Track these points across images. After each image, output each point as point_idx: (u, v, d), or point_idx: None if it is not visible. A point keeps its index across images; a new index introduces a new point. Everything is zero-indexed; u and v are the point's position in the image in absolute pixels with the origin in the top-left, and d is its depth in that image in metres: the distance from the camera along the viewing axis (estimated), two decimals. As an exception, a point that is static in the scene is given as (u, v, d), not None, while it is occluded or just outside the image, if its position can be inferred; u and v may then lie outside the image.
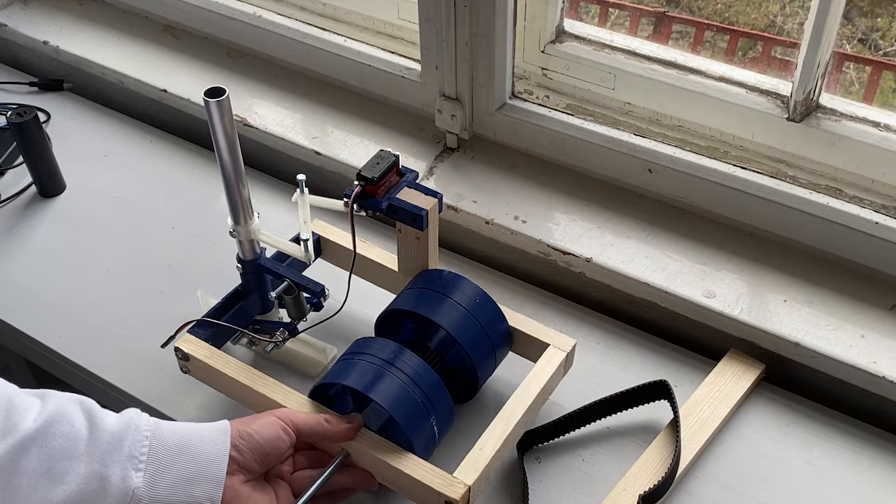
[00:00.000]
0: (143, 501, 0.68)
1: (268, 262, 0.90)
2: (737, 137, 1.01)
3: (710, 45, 1.90)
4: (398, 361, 0.81)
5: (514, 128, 1.09)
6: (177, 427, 0.73)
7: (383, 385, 0.79)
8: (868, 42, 1.85)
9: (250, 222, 0.86)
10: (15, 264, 1.08)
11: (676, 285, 0.96)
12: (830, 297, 0.94)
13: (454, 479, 0.76)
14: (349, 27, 1.22)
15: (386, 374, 0.79)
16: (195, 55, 1.30)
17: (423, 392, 0.80)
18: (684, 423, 0.87)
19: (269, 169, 1.21)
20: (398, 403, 0.78)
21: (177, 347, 0.86)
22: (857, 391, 0.90)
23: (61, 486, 0.66)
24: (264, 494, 0.75)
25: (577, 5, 1.29)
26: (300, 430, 0.78)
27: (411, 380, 0.80)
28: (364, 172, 0.84)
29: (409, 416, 0.78)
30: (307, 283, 0.88)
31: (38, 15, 1.40)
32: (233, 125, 0.78)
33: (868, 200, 0.94)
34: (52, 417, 0.67)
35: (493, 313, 0.88)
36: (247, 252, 0.89)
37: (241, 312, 0.91)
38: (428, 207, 0.84)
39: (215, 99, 0.76)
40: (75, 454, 0.67)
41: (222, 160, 0.81)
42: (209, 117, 0.77)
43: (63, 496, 0.66)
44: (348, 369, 0.81)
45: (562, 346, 0.87)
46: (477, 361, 0.86)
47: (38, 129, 1.12)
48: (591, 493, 0.84)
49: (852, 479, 0.85)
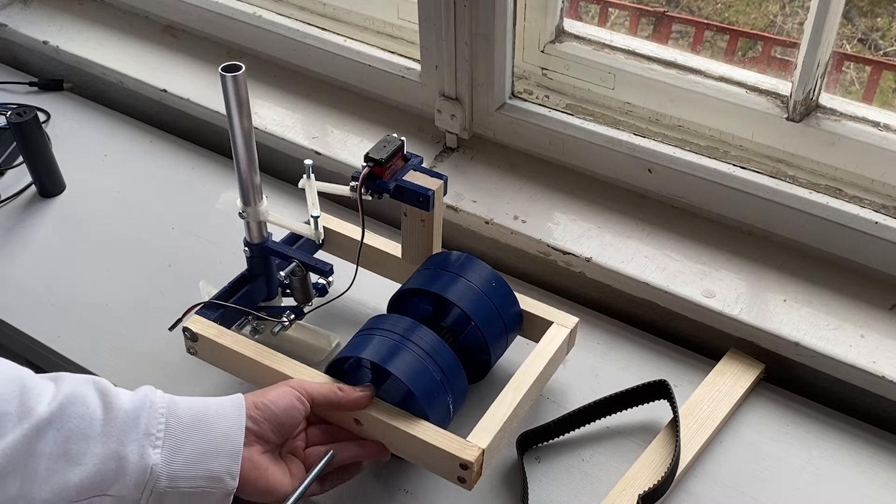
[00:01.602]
0: (161, 478, 0.68)
1: (275, 244, 0.90)
2: (736, 137, 1.01)
3: (710, 45, 1.90)
4: (415, 336, 0.81)
5: (513, 128, 1.09)
6: (192, 402, 0.73)
7: (401, 359, 0.79)
8: (868, 42, 1.85)
9: (259, 203, 0.86)
10: (15, 264, 1.08)
11: (676, 285, 0.96)
12: (830, 297, 0.94)
13: (468, 442, 0.77)
14: (349, 27, 1.22)
15: (403, 349, 0.79)
16: (195, 55, 1.30)
17: (440, 368, 0.80)
18: (684, 423, 0.87)
19: (270, 169, 1.21)
20: (416, 377, 0.78)
21: (185, 328, 0.86)
22: (857, 391, 0.90)
23: (79, 467, 0.66)
24: (280, 467, 0.75)
25: (577, 5, 1.30)
26: (314, 399, 0.78)
27: (428, 355, 0.80)
28: (372, 154, 0.84)
29: (426, 391, 0.78)
30: (315, 263, 0.88)
31: (38, 15, 1.40)
32: (247, 101, 0.79)
33: (868, 200, 0.94)
34: (66, 400, 0.67)
35: (506, 295, 0.89)
36: (254, 235, 0.89)
37: (246, 297, 0.91)
38: (434, 188, 0.85)
39: (231, 73, 0.76)
40: (92, 435, 0.67)
41: (235, 139, 0.81)
42: (224, 94, 0.77)
43: (81, 477, 0.66)
44: (365, 343, 0.81)
45: (565, 324, 0.89)
46: (490, 341, 0.86)
47: (37, 129, 1.12)
48: (591, 493, 0.84)
49: (852, 479, 0.85)
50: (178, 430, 0.70)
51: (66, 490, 0.66)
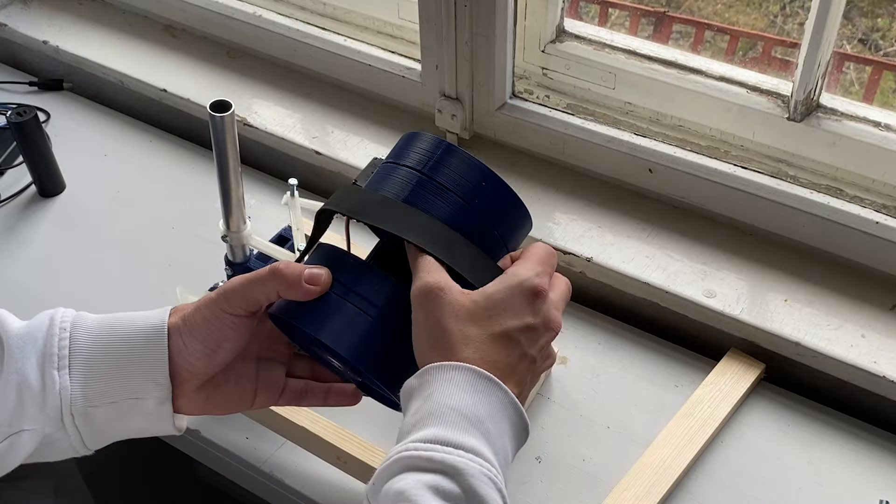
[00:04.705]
0: (77, 399, 0.62)
1: (258, 265, 0.90)
2: (737, 137, 1.01)
3: (711, 45, 1.90)
4: (361, 289, 0.64)
5: (514, 127, 1.09)
6: (104, 316, 0.65)
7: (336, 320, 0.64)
8: (868, 42, 1.86)
9: (243, 228, 0.86)
10: (15, 264, 1.08)
11: (677, 285, 0.96)
12: (831, 297, 0.94)
13: None
14: (349, 27, 1.22)
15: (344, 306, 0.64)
16: (195, 55, 1.30)
17: (363, 297, 0.64)
18: (684, 423, 0.87)
19: (270, 169, 1.21)
20: (323, 322, 0.64)
21: None
22: (858, 391, 0.90)
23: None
24: None
25: (577, 5, 1.30)
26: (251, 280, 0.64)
27: (348, 290, 0.64)
28: (359, 182, 0.82)
29: (344, 336, 0.63)
30: None
31: (38, 15, 1.39)
32: (235, 137, 0.79)
33: (868, 200, 0.94)
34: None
35: (503, 199, 0.69)
36: (237, 256, 0.89)
37: None
38: None
39: (220, 114, 0.76)
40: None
41: (224, 173, 0.81)
42: (213, 131, 0.77)
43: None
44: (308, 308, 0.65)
45: None
46: None
47: (37, 129, 1.12)
48: (592, 493, 0.84)
49: (852, 479, 0.85)
50: (85, 344, 0.63)
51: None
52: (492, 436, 0.56)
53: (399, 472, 0.54)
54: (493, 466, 0.55)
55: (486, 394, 0.57)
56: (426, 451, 0.54)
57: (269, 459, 0.88)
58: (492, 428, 0.56)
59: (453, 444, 0.54)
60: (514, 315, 0.59)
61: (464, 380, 0.57)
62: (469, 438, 0.55)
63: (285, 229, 0.96)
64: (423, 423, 0.56)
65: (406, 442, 0.56)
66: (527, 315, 0.60)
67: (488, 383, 0.57)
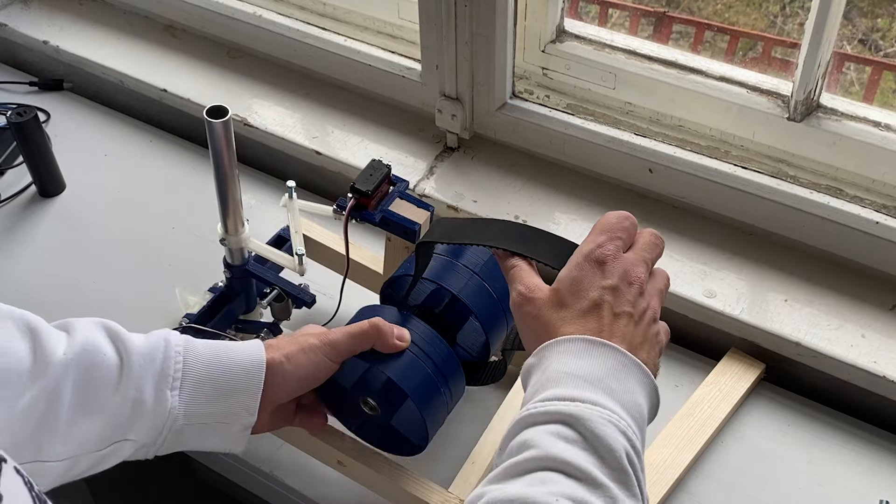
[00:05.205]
0: (178, 417, 0.68)
1: (256, 267, 0.90)
2: (737, 137, 1.01)
3: (711, 45, 1.90)
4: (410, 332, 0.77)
5: (514, 127, 1.09)
6: (210, 342, 0.72)
7: (395, 360, 0.75)
8: (868, 42, 1.86)
9: (241, 231, 0.86)
10: (15, 264, 1.08)
11: (677, 285, 0.96)
12: (831, 297, 0.94)
13: (449, 493, 0.79)
14: (349, 27, 1.22)
15: None
16: (195, 55, 1.30)
17: (434, 363, 0.76)
18: (684, 423, 0.87)
19: (270, 169, 1.21)
20: (409, 376, 0.75)
21: None
22: (858, 391, 0.90)
23: (98, 416, 0.66)
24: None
25: (577, 5, 1.30)
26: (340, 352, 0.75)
27: (421, 350, 0.76)
28: (358, 185, 0.83)
29: (419, 389, 0.75)
30: (298, 293, 0.88)
31: (38, 15, 1.39)
32: (232, 142, 0.79)
33: (868, 200, 0.94)
34: (82, 349, 0.67)
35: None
36: (236, 258, 0.89)
37: (226, 315, 0.92)
38: (421, 221, 0.84)
39: (217, 120, 0.76)
40: (109, 382, 0.67)
41: (221, 179, 0.81)
42: (209, 137, 0.77)
43: (101, 426, 0.66)
44: None
45: None
46: (489, 330, 0.81)
47: (37, 129, 1.12)
48: (592, 493, 0.83)
49: (852, 479, 0.85)
50: (196, 368, 0.70)
51: (88, 440, 0.66)
52: (615, 392, 0.59)
53: (520, 430, 0.59)
54: (615, 413, 0.58)
55: (599, 356, 0.61)
56: (544, 407, 0.58)
57: (269, 459, 0.88)
58: (614, 385, 0.59)
59: (570, 399, 0.58)
60: (590, 285, 0.64)
61: (575, 348, 0.61)
62: (586, 394, 0.58)
63: (284, 230, 0.96)
64: (542, 389, 0.60)
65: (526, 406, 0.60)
66: (600, 280, 0.64)
67: (599, 346, 0.61)
